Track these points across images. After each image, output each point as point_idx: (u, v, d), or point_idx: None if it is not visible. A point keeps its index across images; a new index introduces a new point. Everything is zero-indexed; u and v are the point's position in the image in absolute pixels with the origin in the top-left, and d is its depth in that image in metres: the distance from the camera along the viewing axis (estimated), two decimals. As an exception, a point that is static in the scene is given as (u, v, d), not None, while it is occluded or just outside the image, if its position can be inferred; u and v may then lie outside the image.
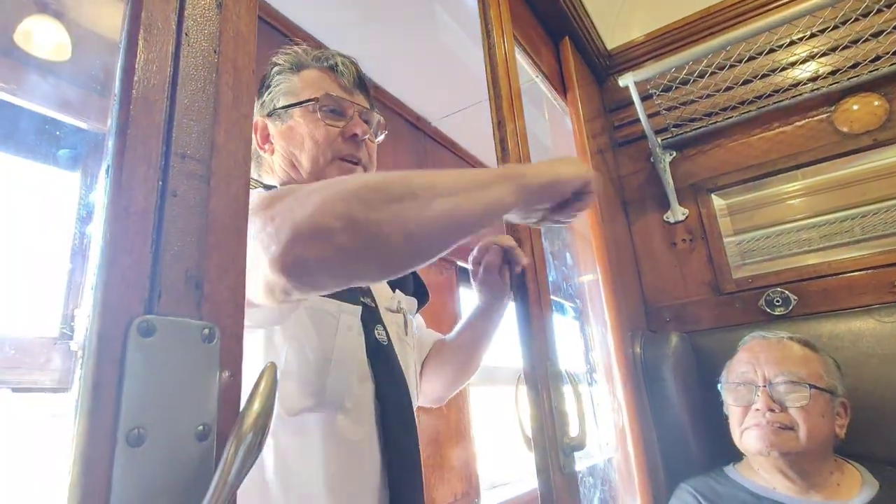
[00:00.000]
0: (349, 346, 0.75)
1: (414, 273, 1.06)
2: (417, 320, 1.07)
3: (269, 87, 0.90)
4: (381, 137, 0.97)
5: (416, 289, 1.03)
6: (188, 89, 0.42)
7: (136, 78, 0.39)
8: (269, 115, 0.88)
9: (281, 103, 0.87)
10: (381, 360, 0.80)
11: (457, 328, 1.05)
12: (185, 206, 0.39)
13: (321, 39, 1.65)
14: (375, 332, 0.82)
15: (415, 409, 0.87)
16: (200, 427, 0.36)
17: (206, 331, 0.38)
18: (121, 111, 0.38)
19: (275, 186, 0.89)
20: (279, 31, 1.56)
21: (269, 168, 0.91)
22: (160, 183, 0.38)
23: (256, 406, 0.37)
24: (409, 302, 0.97)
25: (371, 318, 0.83)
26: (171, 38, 0.42)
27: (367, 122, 0.90)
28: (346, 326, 0.76)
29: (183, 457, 0.35)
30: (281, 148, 0.87)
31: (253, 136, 0.91)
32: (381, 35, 1.67)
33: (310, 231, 0.49)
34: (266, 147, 0.90)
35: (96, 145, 1.11)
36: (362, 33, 1.66)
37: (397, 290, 0.95)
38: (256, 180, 0.85)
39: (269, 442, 0.69)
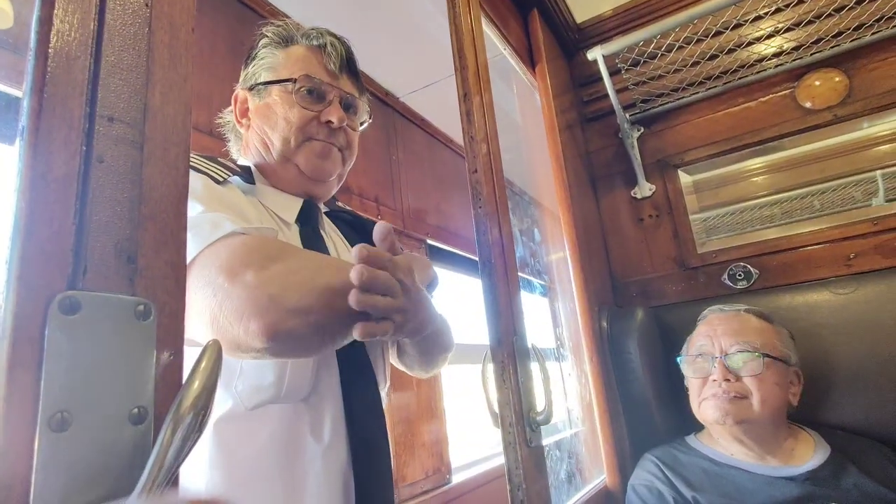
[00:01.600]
0: None
1: None
2: None
3: (254, 59, 0.86)
4: (364, 126, 0.93)
5: None
6: (115, 45, 0.38)
7: (53, 30, 0.35)
8: (251, 88, 0.85)
9: (262, 79, 0.84)
10: (348, 353, 0.78)
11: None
12: (113, 174, 0.36)
13: (283, 9, 1.58)
14: None
15: (383, 393, 0.85)
16: (135, 410, 0.34)
17: (141, 307, 0.35)
18: (36, 67, 0.34)
19: (248, 167, 0.85)
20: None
21: (245, 144, 0.88)
22: (84, 147, 0.35)
23: (197, 385, 0.35)
24: None
25: None
26: (93, -13, 0.38)
27: (349, 107, 0.87)
28: None
29: (115, 441, 0.33)
30: (256, 126, 0.84)
31: (233, 107, 0.88)
32: (346, 6, 1.61)
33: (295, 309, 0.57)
34: (244, 122, 0.87)
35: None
36: (326, 4, 1.60)
37: None
38: (221, 163, 0.80)
39: (227, 432, 0.66)
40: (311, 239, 0.83)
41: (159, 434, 0.33)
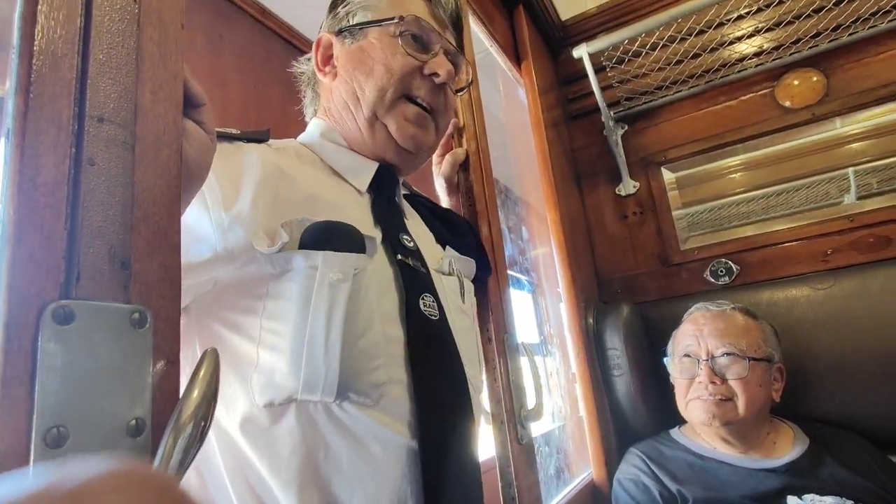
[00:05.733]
0: (334, 311, 0.53)
1: (475, 235, 0.90)
2: None
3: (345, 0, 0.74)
4: (462, 92, 0.84)
5: (478, 257, 0.86)
6: (103, 43, 0.37)
7: (38, 27, 0.33)
8: (339, 32, 0.73)
9: (357, 20, 0.72)
10: (428, 341, 0.61)
11: None
12: (105, 177, 0.35)
13: (260, 0, 1.55)
14: (421, 302, 0.62)
15: (475, 405, 0.66)
16: (133, 422, 0.33)
17: (136, 315, 0.34)
18: (21, 65, 0.33)
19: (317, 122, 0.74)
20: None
21: (328, 98, 0.74)
22: (73, 150, 0.34)
23: (196, 393, 0.34)
24: (465, 263, 0.79)
25: (414, 283, 0.62)
26: (80, -17, 0.36)
27: (454, 65, 0.74)
28: (328, 285, 0.54)
29: (114, 455, 0.31)
30: (345, 73, 0.70)
31: (313, 55, 0.75)
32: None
33: None
34: (327, 69, 0.73)
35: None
36: (311, 2, 1.57)
37: (448, 248, 0.77)
38: (225, 131, 0.63)
39: (245, 440, 0.54)
40: (385, 211, 0.69)
41: (159, 446, 0.32)
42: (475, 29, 1.28)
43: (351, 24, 0.72)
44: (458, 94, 0.82)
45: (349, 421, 0.54)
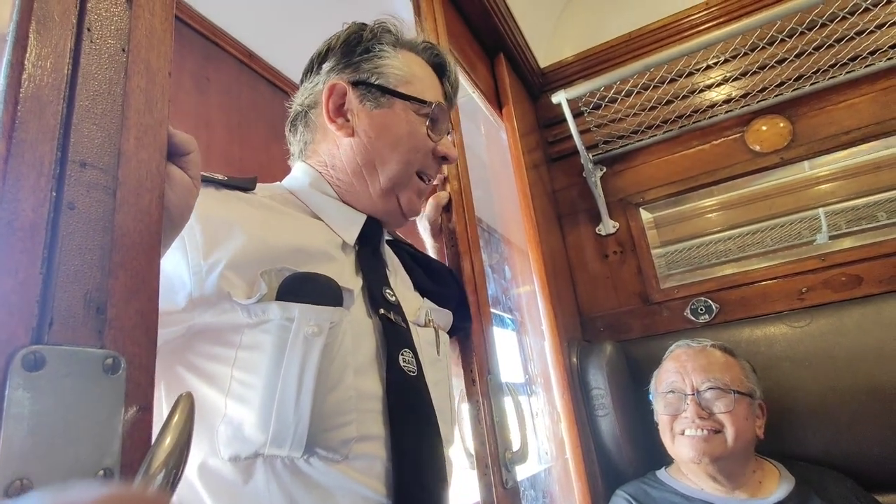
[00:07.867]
0: (307, 366, 0.53)
1: (458, 284, 0.91)
2: None
3: (368, 52, 0.73)
4: None
5: (459, 305, 0.87)
6: (89, 90, 0.37)
7: (25, 75, 0.34)
8: (357, 84, 0.71)
9: (380, 81, 0.71)
10: (406, 397, 0.61)
11: None
12: (84, 221, 0.35)
13: (247, 44, 1.59)
14: (401, 358, 0.62)
15: (447, 462, 0.67)
16: (101, 472, 0.32)
17: (109, 360, 0.34)
18: (5, 111, 0.33)
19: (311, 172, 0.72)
20: (200, 32, 1.49)
21: (330, 149, 0.72)
22: (54, 194, 0.34)
23: (168, 441, 0.33)
24: (442, 316, 0.80)
25: (395, 338, 0.63)
26: (69, 34, 0.37)
27: None
28: (302, 338, 0.54)
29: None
30: (366, 137, 0.70)
31: (324, 99, 0.71)
32: (310, 44, 1.63)
33: None
34: (339, 121, 0.70)
35: None
36: (290, 40, 1.62)
37: (426, 300, 0.78)
38: (212, 177, 0.62)
39: (200, 491, 0.53)
40: (369, 263, 0.70)
41: (127, 497, 0.31)
42: (458, 76, 1.32)
43: (374, 83, 0.71)
44: None
45: (317, 476, 0.53)
